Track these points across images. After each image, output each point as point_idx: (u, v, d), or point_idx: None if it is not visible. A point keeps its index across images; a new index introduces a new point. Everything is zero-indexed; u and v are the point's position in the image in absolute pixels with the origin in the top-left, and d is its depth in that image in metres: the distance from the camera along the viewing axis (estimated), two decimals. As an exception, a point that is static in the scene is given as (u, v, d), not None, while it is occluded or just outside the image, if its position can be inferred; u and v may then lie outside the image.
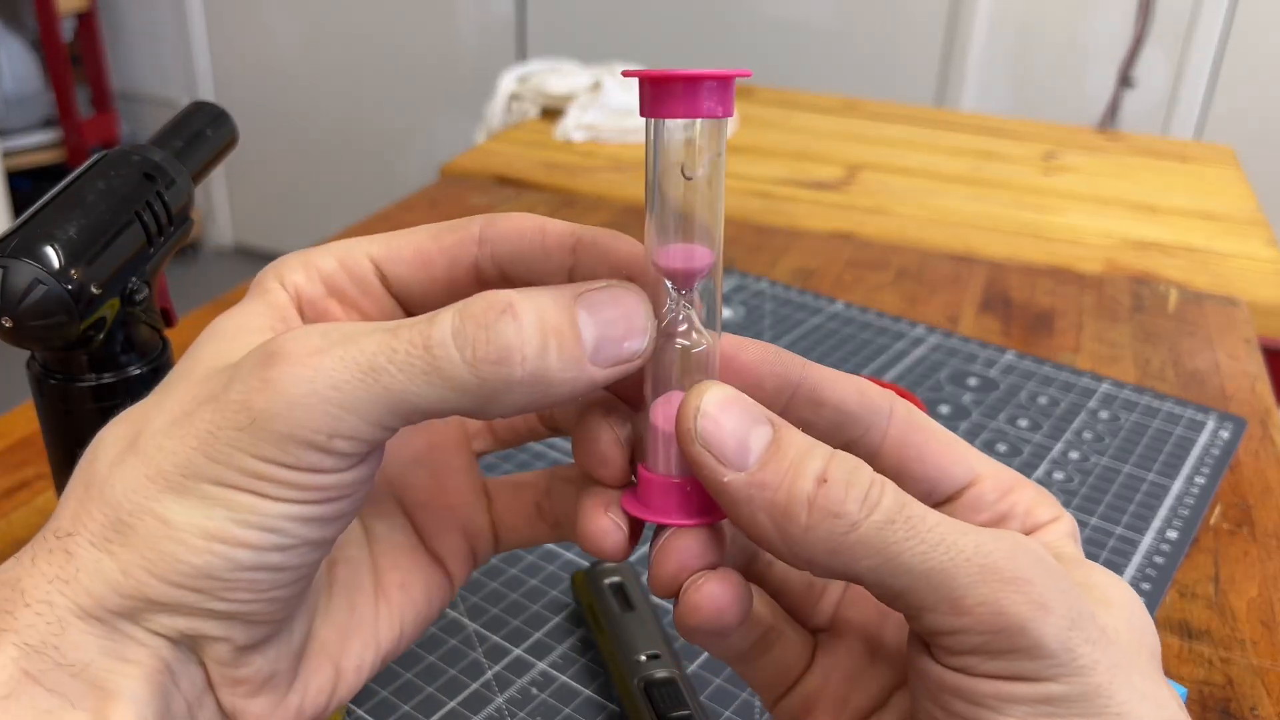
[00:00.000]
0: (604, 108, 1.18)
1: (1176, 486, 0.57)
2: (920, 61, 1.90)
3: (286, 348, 0.22)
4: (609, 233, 0.26)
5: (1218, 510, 0.56)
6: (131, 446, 0.23)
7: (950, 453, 0.26)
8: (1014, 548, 0.22)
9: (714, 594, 0.24)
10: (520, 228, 0.26)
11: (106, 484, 0.23)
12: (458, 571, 0.30)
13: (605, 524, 0.26)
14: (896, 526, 0.22)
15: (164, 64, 2.74)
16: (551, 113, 1.25)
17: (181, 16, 2.64)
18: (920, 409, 0.27)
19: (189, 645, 0.24)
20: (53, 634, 0.22)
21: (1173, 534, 0.53)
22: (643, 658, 0.41)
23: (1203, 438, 0.62)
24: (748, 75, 0.24)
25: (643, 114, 0.24)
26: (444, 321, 0.22)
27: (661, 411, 0.26)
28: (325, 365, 0.22)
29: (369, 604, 0.28)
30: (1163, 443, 0.61)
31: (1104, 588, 0.25)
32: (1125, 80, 1.78)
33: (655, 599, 0.47)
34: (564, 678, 0.43)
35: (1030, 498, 0.27)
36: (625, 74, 0.24)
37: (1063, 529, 0.26)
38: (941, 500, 0.27)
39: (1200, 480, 0.58)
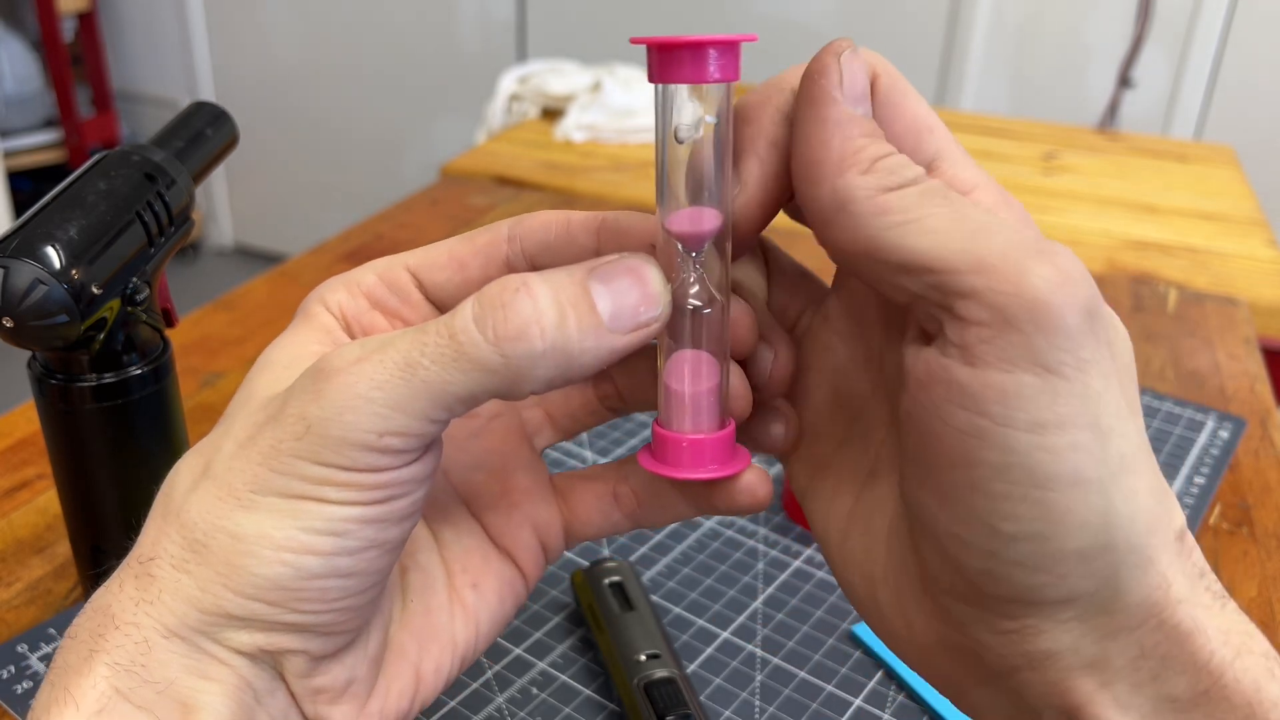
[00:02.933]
0: (604, 108, 1.18)
1: (1176, 486, 0.57)
2: (920, 61, 1.90)
3: (332, 362, 0.24)
4: (629, 213, 0.27)
5: (1217, 510, 0.56)
6: (204, 474, 0.25)
7: (913, 133, 0.25)
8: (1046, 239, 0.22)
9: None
10: (546, 220, 0.28)
11: (182, 510, 0.24)
12: (530, 568, 0.31)
13: (753, 478, 0.28)
14: (937, 197, 0.22)
15: (164, 64, 2.74)
16: (551, 113, 1.25)
17: (181, 16, 2.64)
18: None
19: (269, 662, 0.25)
20: (140, 654, 0.23)
21: (1172, 534, 0.53)
22: (643, 658, 0.41)
23: (1202, 438, 0.62)
24: (753, 39, 0.24)
25: (650, 80, 0.25)
26: (465, 309, 0.24)
27: (674, 371, 0.26)
28: (366, 370, 0.23)
29: (444, 608, 0.29)
30: (1162, 443, 0.61)
31: (1110, 317, 0.24)
32: (1125, 80, 1.77)
33: (654, 598, 0.47)
34: (564, 678, 0.43)
35: (989, 203, 0.25)
36: (634, 41, 0.24)
37: None
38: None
39: (1200, 480, 0.58)
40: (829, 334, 0.28)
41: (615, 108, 1.18)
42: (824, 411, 0.28)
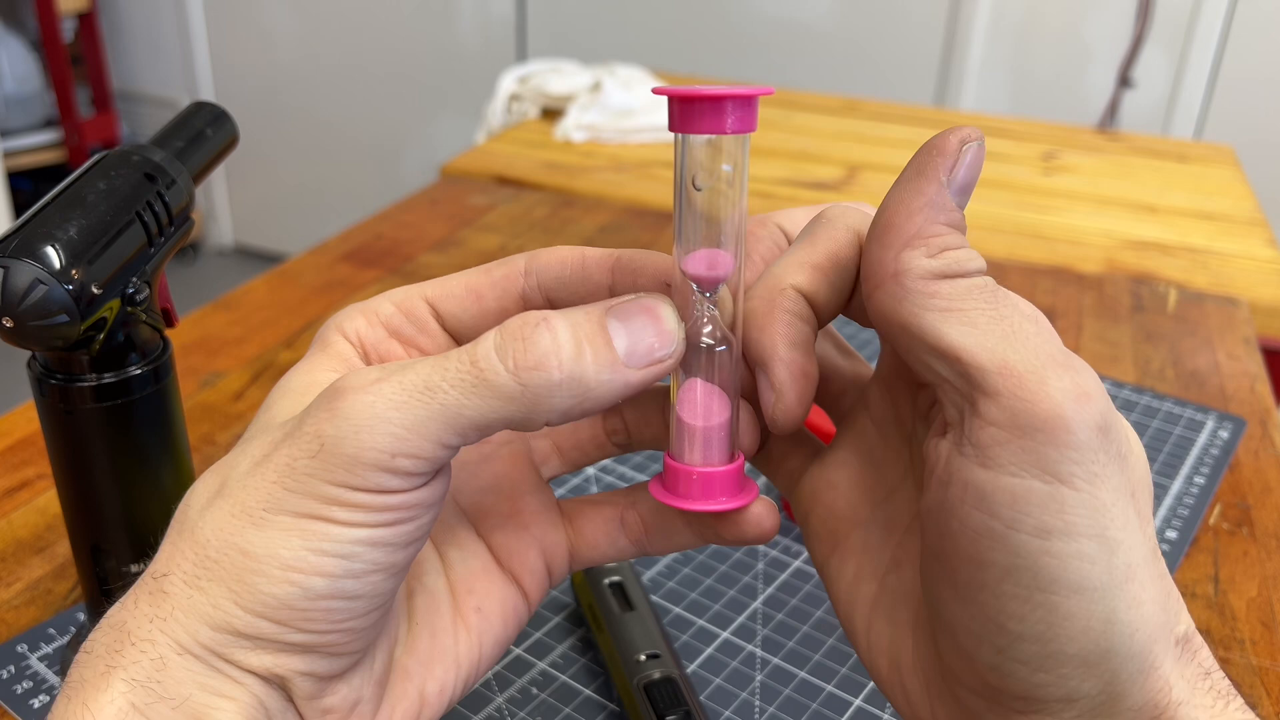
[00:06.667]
0: (604, 108, 1.18)
1: (1176, 486, 0.57)
2: (920, 61, 1.89)
3: (350, 382, 0.24)
4: (643, 251, 0.28)
5: (1217, 510, 0.56)
6: (220, 492, 0.25)
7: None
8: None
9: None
10: (562, 256, 0.29)
11: (196, 527, 0.25)
12: (533, 591, 0.31)
13: (760, 510, 0.29)
14: (984, 294, 0.23)
15: (164, 64, 2.74)
16: (551, 113, 1.25)
17: (182, 16, 2.64)
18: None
19: (278, 684, 0.25)
20: (155, 670, 0.24)
21: (1172, 534, 0.53)
22: (642, 658, 0.41)
23: (1202, 438, 0.62)
24: (770, 93, 0.25)
25: (670, 129, 0.25)
26: (487, 339, 0.24)
27: (686, 406, 0.27)
28: (385, 390, 0.24)
29: (448, 630, 0.29)
30: (1162, 442, 0.61)
31: (1125, 431, 0.25)
32: (1125, 80, 1.77)
33: (654, 598, 0.47)
34: (564, 678, 0.43)
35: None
36: (656, 91, 0.25)
37: None
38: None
39: (1200, 480, 0.58)
40: (865, 419, 0.29)
41: (615, 108, 1.18)
42: (848, 490, 0.29)
